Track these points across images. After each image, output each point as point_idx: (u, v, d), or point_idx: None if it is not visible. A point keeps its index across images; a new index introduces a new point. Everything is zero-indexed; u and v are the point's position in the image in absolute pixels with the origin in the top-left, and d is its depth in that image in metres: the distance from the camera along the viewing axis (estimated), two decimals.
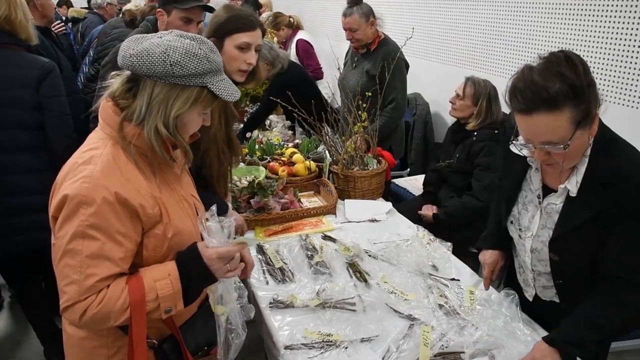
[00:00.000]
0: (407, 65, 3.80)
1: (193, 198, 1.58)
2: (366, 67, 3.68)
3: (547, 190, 1.71)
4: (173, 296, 1.36)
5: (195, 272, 1.39)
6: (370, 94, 3.11)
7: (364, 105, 3.00)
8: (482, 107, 3.10)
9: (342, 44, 4.55)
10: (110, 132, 1.37)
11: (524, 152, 1.64)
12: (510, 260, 2.02)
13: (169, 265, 1.39)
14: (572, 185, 1.59)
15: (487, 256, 1.99)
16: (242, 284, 1.56)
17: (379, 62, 3.56)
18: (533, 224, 1.74)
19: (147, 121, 1.33)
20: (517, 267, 1.99)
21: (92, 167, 1.31)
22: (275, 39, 5.17)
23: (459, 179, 3.22)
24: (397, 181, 4.16)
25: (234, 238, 1.47)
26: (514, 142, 1.60)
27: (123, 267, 1.34)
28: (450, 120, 3.43)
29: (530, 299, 1.93)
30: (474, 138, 3.13)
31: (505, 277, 2.13)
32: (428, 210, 3.23)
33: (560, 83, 1.39)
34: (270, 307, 1.97)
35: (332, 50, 4.12)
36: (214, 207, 1.45)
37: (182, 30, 2.08)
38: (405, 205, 3.47)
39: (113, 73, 1.41)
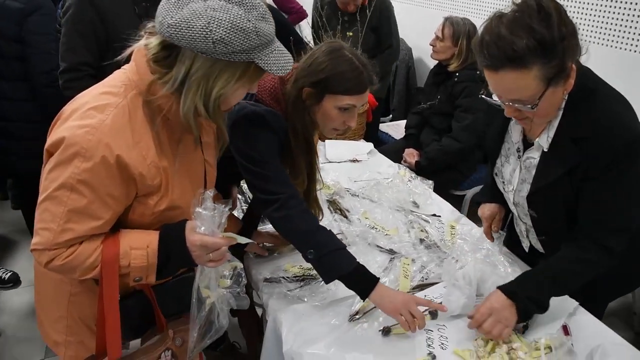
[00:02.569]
0: None
1: (209, 165, 1.48)
2: (365, 23, 3.61)
3: (527, 144, 1.62)
4: (146, 269, 1.29)
5: (174, 252, 1.30)
6: (351, 34, 3.05)
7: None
8: (463, 46, 3.05)
9: None
10: (138, 81, 1.24)
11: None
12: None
13: (151, 235, 1.30)
14: (544, 140, 1.51)
15: (485, 210, 1.88)
16: (242, 272, 1.44)
17: (374, 14, 3.55)
18: (514, 178, 1.68)
19: (184, 98, 1.20)
20: (514, 219, 1.92)
21: (103, 118, 1.19)
22: None
23: (440, 121, 3.21)
24: (379, 126, 4.12)
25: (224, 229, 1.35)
26: (485, 95, 1.50)
27: (104, 228, 1.27)
28: (432, 65, 3.39)
29: (527, 250, 1.86)
30: (455, 79, 3.10)
31: (507, 226, 2.02)
32: (410, 157, 3.22)
33: (528, 38, 1.26)
34: (254, 254, 1.92)
35: None
36: (210, 191, 1.30)
37: None
38: (387, 147, 3.45)
39: (151, 25, 1.23)
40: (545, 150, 1.52)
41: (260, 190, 1.62)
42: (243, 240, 1.41)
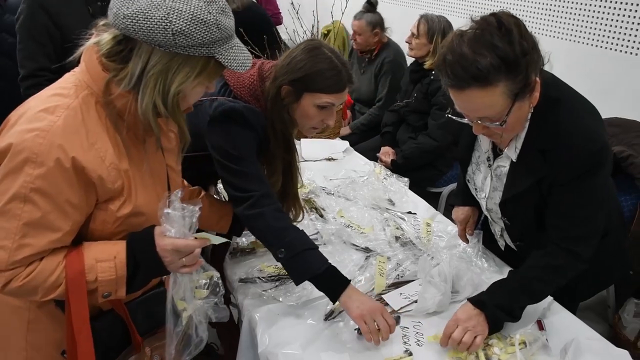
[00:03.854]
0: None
1: (172, 170, 1.39)
2: (374, 72, 3.82)
3: (497, 152, 1.62)
4: (115, 282, 1.18)
5: (145, 260, 1.21)
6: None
7: None
8: (438, 43, 3.06)
9: None
10: (89, 81, 1.15)
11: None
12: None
13: (117, 245, 1.20)
14: (512, 151, 1.53)
15: (459, 213, 1.89)
16: (220, 281, 1.35)
17: (378, 65, 3.77)
18: (485, 186, 1.68)
19: (142, 95, 1.12)
20: (489, 220, 1.92)
21: (53, 120, 1.09)
22: None
23: (416, 119, 3.21)
24: None
25: (197, 231, 1.27)
26: (452, 115, 1.49)
27: (65, 240, 1.16)
28: (410, 62, 3.39)
29: (502, 249, 1.86)
30: (432, 77, 3.10)
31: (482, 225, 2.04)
32: (386, 157, 3.22)
33: (492, 56, 1.26)
34: (230, 256, 1.89)
35: None
36: (178, 192, 1.22)
37: None
38: (363, 146, 3.45)
39: (102, 23, 1.16)
40: (514, 160, 1.53)
41: (234, 187, 1.59)
42: (217, 240, 1.34)
